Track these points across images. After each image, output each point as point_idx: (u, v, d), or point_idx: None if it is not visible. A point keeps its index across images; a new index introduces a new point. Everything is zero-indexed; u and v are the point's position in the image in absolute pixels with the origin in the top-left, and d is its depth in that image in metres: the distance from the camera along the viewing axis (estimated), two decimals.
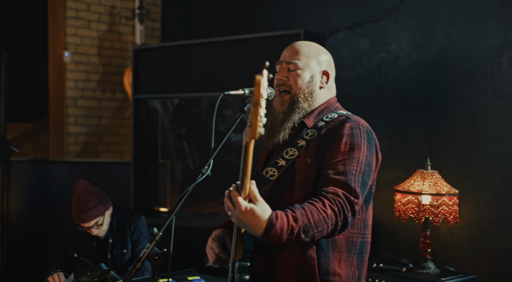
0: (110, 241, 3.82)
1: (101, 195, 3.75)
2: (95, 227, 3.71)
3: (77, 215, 3.66)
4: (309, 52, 2.41)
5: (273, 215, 2.03)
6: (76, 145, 6.14)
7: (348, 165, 2.19)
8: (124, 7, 6.43)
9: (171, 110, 6.17)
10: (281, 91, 2.41)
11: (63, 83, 6.07)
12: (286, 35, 4.08)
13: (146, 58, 4.71)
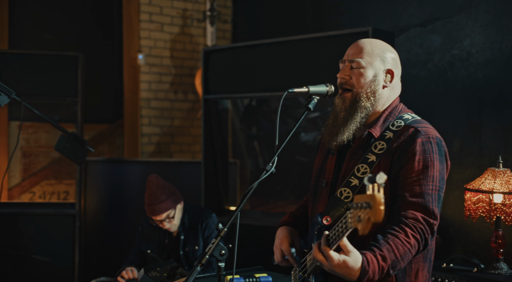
0: (182, 237, 3.90)
1: (172, 189, 3.84)
2: (166, 221, 3.80)
3: (149, 208, 3.76)
4: (372, 50, 2.38)
5: (364, 262, 2.06)
6: (149, 145, 6.30)
7: (424, 185, 2.19)
8: (195, 9, 6.54)
9: (242, 110, 6.24)
10: (343, 89, 2.39)
11: (137, 85, 6.24)
12: (355, 33, 4.05)
13: (216, 59, 4.78)
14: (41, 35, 5.92)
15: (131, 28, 6.22)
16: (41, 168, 5.94)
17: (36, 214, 4.99)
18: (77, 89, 5.01)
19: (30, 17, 5.85)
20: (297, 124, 2.38)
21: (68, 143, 4.39)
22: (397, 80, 2.43)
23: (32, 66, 4.98)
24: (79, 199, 5.03)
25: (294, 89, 2.36)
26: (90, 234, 5.39)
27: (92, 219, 5.44)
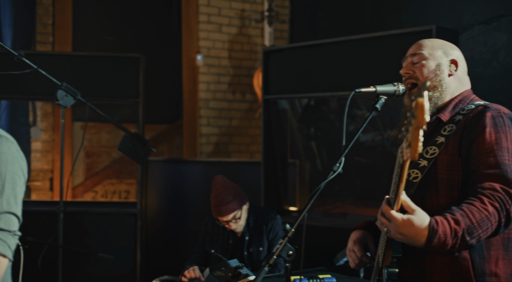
0: (247, 238, 3.91)
1: (238, 190, 3.85)
2: (233, 221, 3.82)
3: (215, 209, 3.79)
4: (433, 45, 2.35)
5: (432, 221, 1.97)
6: (208, 145, 6.35)
7: (499, 156, 2.08)
8: (253, 10, 6.57)
9: (299, 110, 6.22)
10: (409, 85, 2.36)
11: (196, 86, 6.30)
12: (417, 32, 3.98)
13: (275, 59, 4.78)
14: (102, 38, 6.04)
15: (189, 30, 6.29)
16: (103, 167, 6.06)
17: (99, 212, 5.09)
18: (138, 90, 5.08)
19: (92, 20, 5.98)
20: (364, 124, 2.36)
21: (131, 143, 4.46)
22: (463, 72, 2.37)
23: (94, 68, 5.08)
24: (140, 198, 5.11)
25: (362, 89, 2.34)
26: (150, 233, 5.47)
27: (152, 218, 5.52)
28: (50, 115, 5.69)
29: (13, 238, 1.90)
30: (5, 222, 1.89)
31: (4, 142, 1.97)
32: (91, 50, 5.89)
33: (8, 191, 1.92)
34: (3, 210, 1.89)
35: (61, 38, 5.74)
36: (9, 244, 1.88)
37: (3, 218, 1.88)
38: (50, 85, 4.36)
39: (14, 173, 1.95)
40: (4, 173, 1.92)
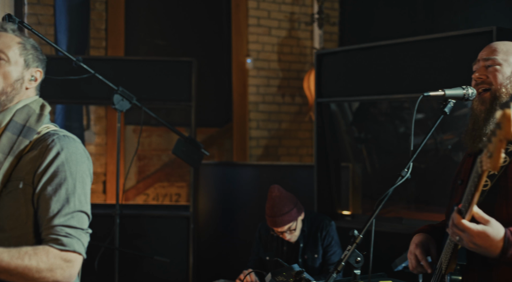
0: (301, 245, 3.86)
1: (295, 200, 3.80)
2: (288, 232, 3.77)
3: (271, 219, 3.74)
4: (507, 49, 2.29)
5: (508, 233, 1.95)
6: (257, 148, 6.35)
7: None
8: (303, 12, 6.55)
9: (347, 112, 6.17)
10: (481, 89, 2.31)
11: (246, 89, 6.31)
12: (476, 33, 3.89)
13: (328, 62, 4.75)
14: (153, 42, 6.10)
15: (239, 33, 6.30)
16: (154, 170, 6.11)
17: (153, 215, 5.13)
18: (191, 94, 5.12)
19: (143, 24, 6.05)
20: (432, 128, 2.32)
21: (185, 147, 4.48)
22: None
23: (147, 72, 5.14)
24: (193, 201, 5.14)
25: (430, 93, 2.30)
26: (202, 236, 5.49)
27: (204, 221, 5.55)
28: (103, 119, 5.78)
29: (86, 236, 1.96)
30: (78, 221, 1.94)
31: (71, 142, 2.01)
32: (142, 54, 5.96)
33: (79, 190, 1.97)
34: (76, 209, 1.94)
35: (114, 43, 5.82)
36: (83, 241, 1.94)
37: (75, 216, 1.93)
38: (104, 89, 4.42)
39: (83, 172, 2.01)
40: (74, 172, 1.97)
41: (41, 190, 1.92)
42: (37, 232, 1.93)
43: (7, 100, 2.04)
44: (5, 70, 2.03)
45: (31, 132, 2.02)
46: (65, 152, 1.97)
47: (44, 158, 1.94)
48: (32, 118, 2.04)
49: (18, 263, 1.80)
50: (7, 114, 2.03)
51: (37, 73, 2.12)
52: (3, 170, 1.95)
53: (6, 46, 2.04)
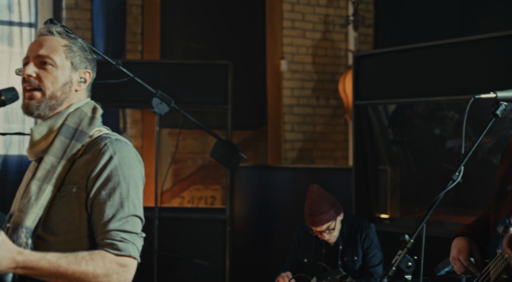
0: (340, 247, 3.84)
1: (333, 200, 3.79)
2: (326, 232, 3.76)
3: (309, 219, 3.74)
4: None
5: None
6: (292, 151, 6.33)
7: None
8: (337, 14, 6.52)
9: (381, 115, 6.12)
10: None
11: (280, 92, 6.30)
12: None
13: (367, 64, 4.71)
14: (188, 45, 6.12)
15: (274, 35, 6.29)
16: (190, 173, 6.13)
17: (190, 218, 5.15)
18: (227, 97, 5.12)
19: (179, 28, 6.07)
20: (484, 131, 2.28)
21: (223, 150, 4.48)
22: None
23: (184, 75, 5.15)
24: (229, 204, 5.14)
25: (481, 95, 2.26)
26: (238, 239, 5.49)
27: (240, 224, 5.55)
28: (139, 122, 5.81)
29: (140, 240, 1.95)
30: (132, 225, 1.93)
31: (124, 146, 2.01)
32: (177, 57, 5.98)
33: (133, 194, 1.96)
34: (130, 213, 1.94)
35: (150, 47, 5.85)
36: (138, 246, 1.93)
37: (130, 221, 1.93)
38: (140, 92, 4.44)
39: (135, 176, 2.00)
40: (128, 177, 1.96)
41: (95, 195, 1.92)
42: (92, 236, 1.94)
43: (57, 104, 2.04)
44: (53, 74, 2.02)
45: (84, 136, 2.02)
46: (118, 156, 1.96)
47: (97, 162, 1.94)
48: (84, 121, 2.05)
49: (76, 268, 1.81)
50: (59, 118, 2.04)
51: (86, 74, 2.11)
52: (56, 173, 1.95)
53: (52, 51, 2.04)
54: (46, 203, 1.93)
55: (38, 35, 2.09)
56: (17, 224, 1.91)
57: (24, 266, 1.76)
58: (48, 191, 1.94)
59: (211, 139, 6.06)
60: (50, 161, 1.97)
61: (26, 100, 2.03)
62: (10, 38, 5.40)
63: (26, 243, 1.88)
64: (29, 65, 2.03)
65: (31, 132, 2.03)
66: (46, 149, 2.01)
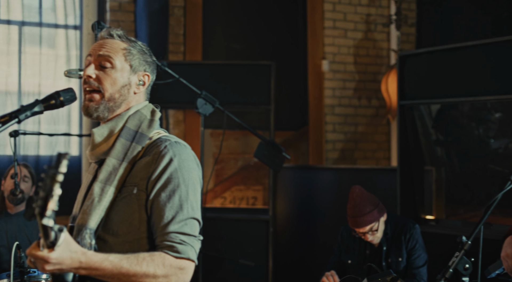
0: (384, 248, 3.80)
1: (376, 201, 3.76)
2: (369, 233, 3.73)
3: (352, 220, 3.71)
4: None
5: None
6: (334, 151, 6.30)
7: None
8: (379, 14, 6.46)
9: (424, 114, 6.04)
10: None
11: (321, 92, 6.27)
12: None
13: (412, 64, 4.66)
14: (230, 46, 6.13)
15: (315, 35, 6.27)
16: (231, 174, 6.14)
17: (233, 218, 5.16)
18: (270, 97, 5.12)
19: (220, 29, 6.09)
20: None
21: (267, 150, 4.49)
22: None
23: (227, 76, 5.17)
24: (272, 205, 5.14)
25: None
26: (280, 239, 5.48)
27: (282, 224, 5.54)
28: (182, 123, 5.84)
29: (198, 243, 1.96)
30: (191, 228, 1.94)
31: (183, 148, 2.02)
32: (219, 58, 6.00)
33: (191, 197, 1.97)
34: (189, 216, 1.94)
35: (192, 48, 5.88)
36: (196, 249, 1.94)
37: (189, 223, 1.93)
38: (184, 93, 4.46)
39: (194, 179, 2.00)
40: (187, 179, 1.97)
41: (155, 197, 1.93)
42: (151, 238, 1.95)
43: (115, 106, 2.06)
44: (112, 76, 2.04)
45: (144, 138, 2.04)
46: (178, 159, 1.97)
47: (157, 165, 1.95)
48: (144, 124, 2.06)
49: (137, 269, 1.82)
50: (120, 120, 2.06)
51: (145, 77, 2.12)
52: (118, 175, 1.97)
53: (112, 53, 2.06)
54: (108, 204, 1.95)
55: (99, 38, 2.12)
56: (81, 225, 1.93)
57: (87, 266, 1.78)
58: (110, 193, 1.95)
59: (252, 140, 6.08)
60: (111, 163, 1.99)
61: (85, 102, 2.05)
62: (56, 41, 5.49)
63: (90, 244, 1.90)
64: (90, 67, 2.05)
65: (92, 134, 2.05)
66: (107, 151, 2.03)
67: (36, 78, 5.41)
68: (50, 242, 1.68)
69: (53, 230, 1.65)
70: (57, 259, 1.71)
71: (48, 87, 5.46)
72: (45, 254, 1.69)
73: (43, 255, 1.70)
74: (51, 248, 1.69)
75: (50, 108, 2.02)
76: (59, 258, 1.71)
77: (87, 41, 5.52)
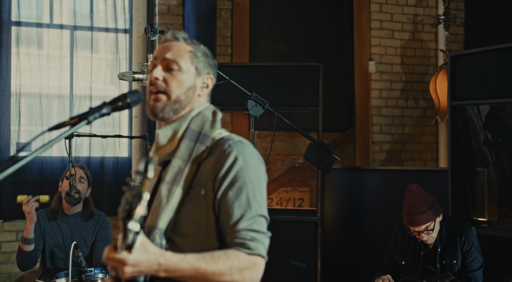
0: (439, 250, 3.77)
1: (433, 201, 3.73)
2: (425, 233, 3.70)
3: (408, 218, 3.69)
4: None
5: None
6: (380, 153, 6.26)
7: None
8: (426, 14, 6.41)
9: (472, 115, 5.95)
10: None
11: (368, 93, 6.24)
12: None
13: (463, 64, 4.60)
14: (276, 48, 6.15)
15: (362, 36, 6.25)
16: (278, 175, 6.16)
17: (280, 220, 5.16)
18: (318, 99, 5.12)
19: (267, 31, 6.11)
20: None
21: (316, 151, 4.47)
22: None
23: (274, 78, 5.18)
24: (320, 206, 5.13)
25: None
26: (328, 241, 5.47)
27: (330, 226, 5.52)
28: (229, 124, 5.88)
29: (267, 239, 1.98)
30: (260, 224, 1.96)
31: (247, 147, 2.04)
32: (265, 60, 6.02)
33: (258, 195, 1.99)
34: (257, 213, 1.97)
35: (239, 50, 5.92)
36: (266, 245, 1.96)
37: (257, 220, 1.96)
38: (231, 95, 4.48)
39: (260, 177, 2.03)
40: (253, 177, 1.99)
41: (222, 195, 1.95)
42: (220, 237, 1.97)
43: (180, 108, 2.08)
44: (179, 79, 2.07)
45: (207, 138, 2.06)
46: (243, 157, 1.99)
47: (223, 164, 1.97)
48: (206, 125, 2.09)
49: (214, 268, 1.84)
50: (183, 122, 2.08)
51: (209, 80, 2.16)
52: (184, 176, 2.00)
53: (179, 56, 2.09)
54: (176, 205, 1.98)
55: (163, 40, 2.15)
56: (151, 226, 1.96)
57: (166, 268, 1.80)
58: (177, 193, 1.98)
59: (299, 141, 6.09)
60: (177, 164, 2.02)
61: (151, 102, 2.08)
62: (106, 44, 5.59)
63: (161, 244, 1.92)
64: (157, 69, 2.08)
65: (156, 136, 2.09)
66: (172, 152, 2.06)
67: (87, 81, 5.52)
68: (127, 245, 1.70)
69: (131, 232, 1.68)
70: (135, 261, 1.73)
71: (98, 91, 5.57)
72: (124, 256, 1.72)
73: (121, 257, 1.72)
74: (129, 251, 1.71)
75: (117, 109, 2.05)
76: (137, 260, 1.73)
77: (137, 45, 5.60)
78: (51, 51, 5.44)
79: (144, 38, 5.60)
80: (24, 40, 5.36)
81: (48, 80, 5.42)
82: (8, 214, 5.24)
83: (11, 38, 5.31)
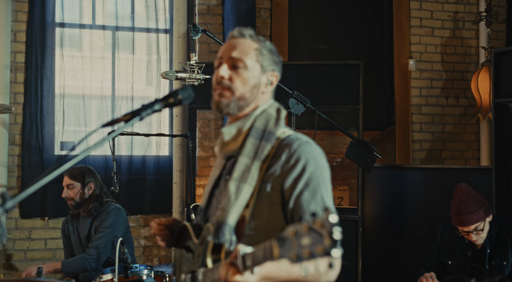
0: (488, 251, 3.68)
1: (482, 200, 3.66)
2: (474, 233, 3.63)
3: (457, 218, 3.63)
4: None
5: None
6: (421, 151, 6.21)
7: None
8: (467, 11, 6.33)
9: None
10: None
11: (408, 91, 6.20)
12: None
13: (507, 60, 4.54)
14: (315, 46, 6.15)
15: (401, 34, 6.20)
16: None
17: None
18: (358, 97, 5.10)
19: (306, 30, 6.11)
20: None
21: (358, 149, 4.47)
22: None
23: (314, 76, 5.18)
24: (361, 205, 5.11)
25: None
26: (368, 240, 5.45)
27: (370, 224, 5.50)
28: None
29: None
30: None
31: (315, 148, 2.07)
32: (304, 59, 6.02)
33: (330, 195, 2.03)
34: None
35: (279, 49, 5.84)
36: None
37: None
38: None
39: (328, 177, 2.07)
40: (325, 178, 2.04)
41: (298, 196, 1.98)
42: None
43: (245, 105, 2.11)
44: (244, 76, 2.09)
45: (272, 136, 2.07)
46: (314, 158, 2.02)
47: (295, 165, 2.00)
48: (270, 122, 2.10)
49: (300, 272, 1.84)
50: (247, 120, 2.11)
51: (273, 77, 2.17)
52: (251, 173, 2.02)
53: (244, 53, 2.10)
54: (245, 202, 2.00)
55: (230, 37, 2.17)
56: (220, 222, 1.99)
57: (267, 276, 1.82)
58: (245, 190, 2.00)
59: (338, 140, 6.07)
60: (244, 161, 2.04)
61: (216, 97, 2.11)
62: (147, 45, 5.66)
63: (230, 241, 1.95)
64: (223, 67, 2.11)
65: (221, 133, 2.13)
66: (237, 150, 2.09)
67: (129, 82, 5.59)
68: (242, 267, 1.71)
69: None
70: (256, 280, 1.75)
71: (140, 91, 5.64)
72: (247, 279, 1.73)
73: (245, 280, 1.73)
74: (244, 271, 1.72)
75: (168, 106, 2.08)
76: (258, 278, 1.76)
77: (177, 44, 5.66)
78: (93, 52, 5.53)
79: (184, 38, 5.65)
80: (68, 41, 5.46)
81: (91, 81, 5.52)
82: (53, 211, 5.35)
83: (55, 39, 5.42)
